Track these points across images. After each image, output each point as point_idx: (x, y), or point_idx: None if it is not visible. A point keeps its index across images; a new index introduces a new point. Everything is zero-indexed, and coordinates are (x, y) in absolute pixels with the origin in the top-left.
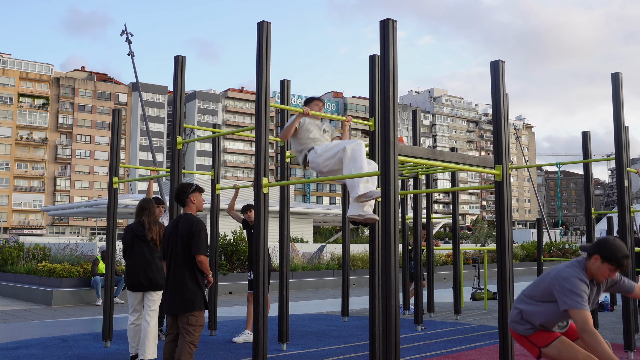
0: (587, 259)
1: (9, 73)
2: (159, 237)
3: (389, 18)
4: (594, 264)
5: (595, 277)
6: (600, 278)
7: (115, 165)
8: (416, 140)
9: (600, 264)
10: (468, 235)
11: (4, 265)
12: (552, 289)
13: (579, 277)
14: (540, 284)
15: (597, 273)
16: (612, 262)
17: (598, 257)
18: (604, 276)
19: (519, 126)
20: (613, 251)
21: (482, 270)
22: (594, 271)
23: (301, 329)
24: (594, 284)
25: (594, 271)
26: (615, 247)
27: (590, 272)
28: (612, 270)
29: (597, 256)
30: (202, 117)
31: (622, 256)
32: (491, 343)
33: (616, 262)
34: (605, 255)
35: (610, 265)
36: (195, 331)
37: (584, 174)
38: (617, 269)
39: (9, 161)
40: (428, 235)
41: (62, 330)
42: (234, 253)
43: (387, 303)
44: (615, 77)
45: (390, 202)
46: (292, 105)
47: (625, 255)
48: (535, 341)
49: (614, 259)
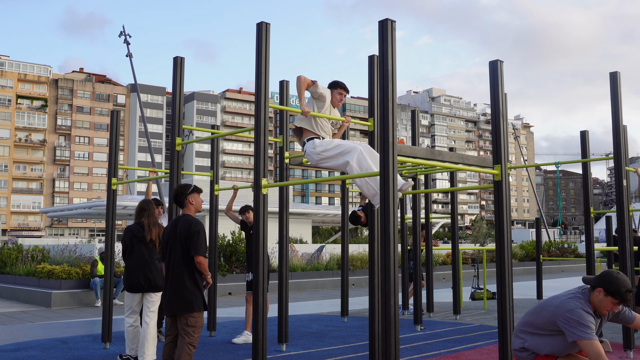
0: (590, 291)
1: (7, 75)
2: (158, 238)
3: (388, 18)
4: (597, 297)
5: (598, 310)
6: (603, 311)
7: (114, 167)
8: (415, 140)
9: (603, 297)
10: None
11: (3, 267)
12: (555, 319)
13: (584, 309)
14: (541, 312)
15: (599, 306)
16: (616, 297)
17: (602, 291)
18: (606, 309)
19: (517, 126)
20: (617, 285)
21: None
22: (596, 304)
23: (300, 330)
24: (597, 316)
25: (596, 304)
26: (619, 282)
27: (593, 304)
28: (615, 304)
29: (601, 289)
30: (201, 118)
31: (626, 290)
32: (490, 343)
33: (619, 297)
34: (608, 289)
35: (613, 299)
36: (194, 332)
37: (583, 174)
38: (620, 302)
39: (8, 163)
40: (427, 235)
41: (62, 332)
42: (233, 254)
43: (386, 303)
44: (613, 76)
45: (389, 202)
46: (291, 106)
47: (628, 290)
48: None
49: (617, 293)
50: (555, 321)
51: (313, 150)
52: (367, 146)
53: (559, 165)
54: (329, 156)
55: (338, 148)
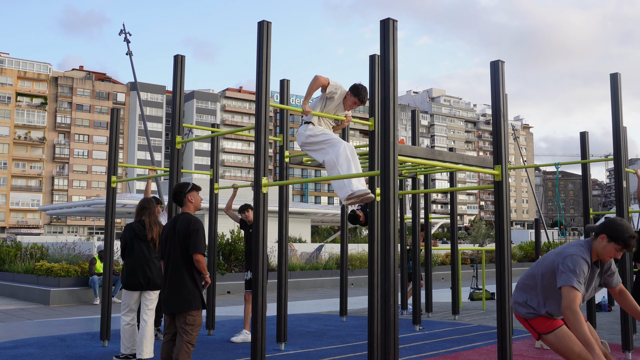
0: (593, 239)
1: (6, 72)
2: (158, 237)
3: (390, 18)
4: (600, 243)
5: (601, 257)
6: (606, 258)
7: (114, 165)
8: (415, 140)
9: (606, 243)
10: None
11: (1, 265)
12: (554, 266)
13: (582, 257)
14: (542, 262)
15: (602, 253)
16: (619, 242)
17: (605, 237)
18: (609, 256)
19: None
20: (620, 231)
21: (480, 271)
22: (599, 251)
23: (299, 329)
24: (598, 265)
25: (599, 251)
26: (622, 227)
27: (595, 252)
28: (618, 250)
29: (604, 236)
30: (201, 117)
31: (629, 236)
32: (489, 343)
33: (623, 242)
34: (612, 235)
35: (616, 245)
36: (192, 330)
37: (582, 175)
38: (624, 248)
39: (7, 160)
40: (426, 235)
41: (60, 330)
42: (232, 253)
43: (386, 303)
44: (614, 78)
45: (389, 202)
46: (291, 105)
47: (632, 236)
48: (536, 327)
49: (620, 238)
50: (554, 268)
51: (303, 132)
52: (351, 146)
53: (559, 167)
54: (314, 142)
55: (324, 136)
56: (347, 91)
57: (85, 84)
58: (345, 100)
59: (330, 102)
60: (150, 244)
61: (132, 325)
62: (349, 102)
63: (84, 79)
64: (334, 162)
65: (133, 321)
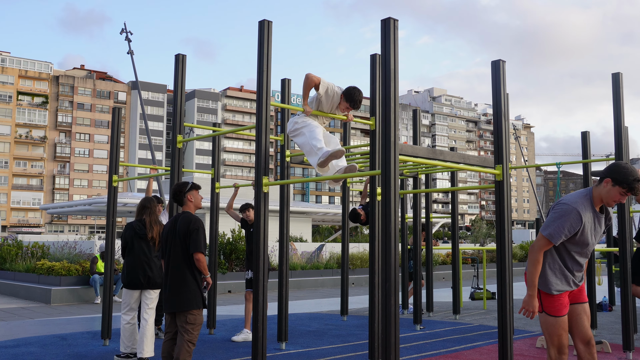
0: (598, 183)
1: (8, 71)
2: (158, 236)
3: (390, 17)
4: (605, 187)
5: (605, 202)
6: (610, 202)
7: (115, 164)
8: (416, 139)
9: (611, 187)
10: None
11: (2, 263)
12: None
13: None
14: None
15: (607, 197)
16: (623, 185)
17: (609, 181)
18: (614, 200)
19: (518, 126)
20: (624, 174)
21: (481, 270)
22: (604, 195)
23: (300, 328)
24: (602, 211)
25: (604, 195)
26: (627, 171)
27: (599, 197)
28: (622, 193)
29: (609, 179)
30: (202, 116)
31: (634, 179)
32: (490, 343)
33: (627, 185)
34: (616, 178)
35: (621, 188)
36: (193, 330)
37: (583, 174)
38: (628, 192)
39: (8, 159)
40: (427, 234)
41: (61, 329)
42: (232, 252)
43: (386, 302)
44: (615, 78)
45: (390, 201)
46: (292, 104)
47: (636, 179)
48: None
49: (625, 181)
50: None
51: (293, 120)
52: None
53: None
54: (296, 128)
55: (304, 122)
56: (341, 95)
57: (86, 83)
58: (339, 104)
59: (323, 102)
60: (151, 243)
61: (132, 325)
62: (342, 107)
63: (85, 78)
64: (307, 141)
65: (133, 320)
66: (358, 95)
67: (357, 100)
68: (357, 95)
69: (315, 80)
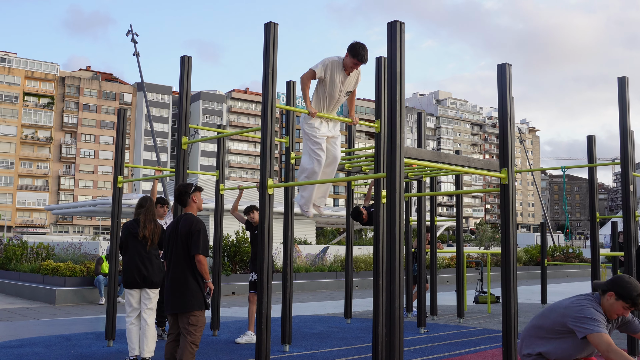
0: (601, 295)
1: (14, 72)
2: (152, 235)
3: (397, 20)
4: (608, 300)
5: (608, 314)
6: (613, 315)
7: (120, 165)
8: (421, 142)
9: (614, 301)
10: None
11: (7, 264)
12: (565, 320)
13: (595, 308)
14: (550, 314)
15: (610, 310)
16: (627, 301)
17: (613, 295)
18: (616, 313)
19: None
20: (628, 290)
21: (485, 274)
22: (607, 308)
23: (304, 331)
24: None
25: (607, 308)
26: (630, 286)
27: (603, 308)
28: (626, 308)
29: (612, 293)
30: (207, 118)
31: (637, 295)
32: (494, 347)
33: (631, 301)
34: (620, 293)
35: (624, 303)
36: (196, 331)
37: (589, 178)
38: (632, 307)
39: (14, 160)
40: (432, 238)
41: (65, 329)
42: (236, 254)
43: (390, 305)
44: (621, 82)
45: (395, 204)
46: (297, 107)
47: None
48: None
49: (629, 297)
50: (565, 322)
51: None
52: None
53: (565, 170)
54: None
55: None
56: (346, 54)
57: (92, 84)
58: (345, 65)
59: (328, 83)
60: (144, 242)
61: (137, 325)
62: (349, 65)
63: (91, 79)
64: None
65: (137, 320)
66: (362, 49)
67: (363, 54)
68: (362, 49)
69: (308, 74)
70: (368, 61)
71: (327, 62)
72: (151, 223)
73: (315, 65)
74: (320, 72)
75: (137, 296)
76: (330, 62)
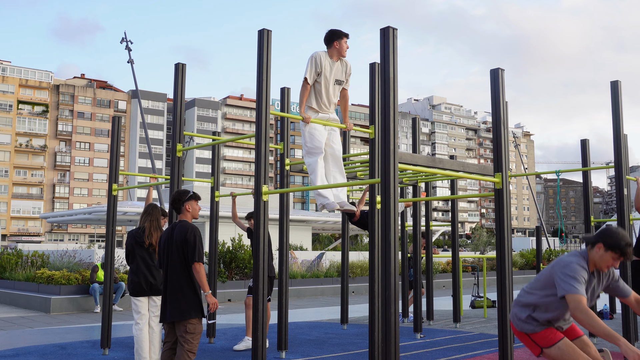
0: (590, 248)
1: (8, 80)
2: (158, 243)
3: (390, 26)
4: (597, 252)
5: (598, 267)
6: (603, 267)
7: (115, 173)
8: (416, 147)
9: (603, 252)
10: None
11: (2, 272)
12: (553, 276)
13: (580, 264)
14: (541, 276)
15: (600, 262)
16: (616, 250)
17: (601, 246)
18: (607, 265)
19: (517, 134)
20: (616, 239)
21: (481, 278)
22: (596, 260)
23: (300, 337)
24: (594, 275)
25: (596, 260)
26: (618, 236)
27: (592, 262)
28: (615, 258)
29: (601, 244)
30: (202, 125)
31: (626, 244)
32: (491, 351)
33: (620, 250)
34: (608, 243)
35: (613, 253)
36: (193, 339)
37: (583, 182)
38: (621, 257)
39: (8, 168)
40: (427, 243)
41: (61, 338)
42: (232, 261)
43: (386, 311)
44: (614, 86)
45: (390, 210)
46: (292, 113)
47: (628, 244)
48: (538, 341)
49: (617, 246)
50: (553, 278)
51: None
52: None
53: (560, 174)
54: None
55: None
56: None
57: (86, 92)
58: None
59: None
60: (150, 249)
61: (146, 332)
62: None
63: (85, 87)
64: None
65: (145, 327)
66: (337, 30)
67: (340, 33)
68: (336, 31)
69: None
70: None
71: (312, 57)
72: (157, 231)
73: (305, 72)
74: (312, 72)
75: (146, 304)
76: (315, 55)
